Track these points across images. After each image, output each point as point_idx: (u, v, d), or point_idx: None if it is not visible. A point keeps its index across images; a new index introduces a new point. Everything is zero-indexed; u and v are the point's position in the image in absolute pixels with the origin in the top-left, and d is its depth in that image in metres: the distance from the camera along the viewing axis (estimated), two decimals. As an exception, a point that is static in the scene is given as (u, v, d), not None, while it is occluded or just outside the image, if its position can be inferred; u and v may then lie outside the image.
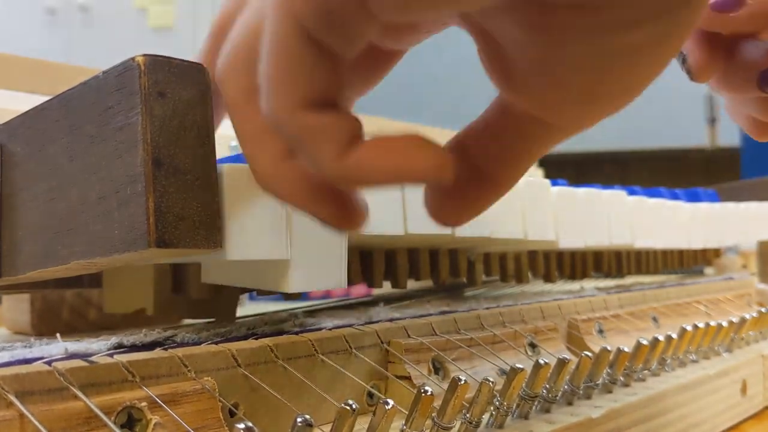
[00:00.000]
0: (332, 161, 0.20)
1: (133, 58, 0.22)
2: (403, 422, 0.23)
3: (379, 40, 0.22)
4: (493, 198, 0.24)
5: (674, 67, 0.20)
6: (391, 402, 0.22)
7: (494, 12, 0.20)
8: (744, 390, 0.39)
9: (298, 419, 0.19)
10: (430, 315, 0.34)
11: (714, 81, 0.32)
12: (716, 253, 0.67)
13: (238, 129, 0.23)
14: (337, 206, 0.22)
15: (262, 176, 0.23)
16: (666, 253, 0.59)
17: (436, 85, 2.30)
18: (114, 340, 0.25)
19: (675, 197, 0.58)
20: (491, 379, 0.25)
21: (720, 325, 0.40)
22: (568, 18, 0.19)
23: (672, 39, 0.20)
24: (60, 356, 0.23)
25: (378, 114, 0.81)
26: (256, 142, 0.23)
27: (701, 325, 0.39)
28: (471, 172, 0.23)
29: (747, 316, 0.43)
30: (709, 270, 0.70)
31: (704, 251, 0.65)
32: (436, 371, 0.31)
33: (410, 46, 0.23)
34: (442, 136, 0.23)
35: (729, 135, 2.24)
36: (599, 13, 0.19)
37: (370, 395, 0.29)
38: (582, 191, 0.44)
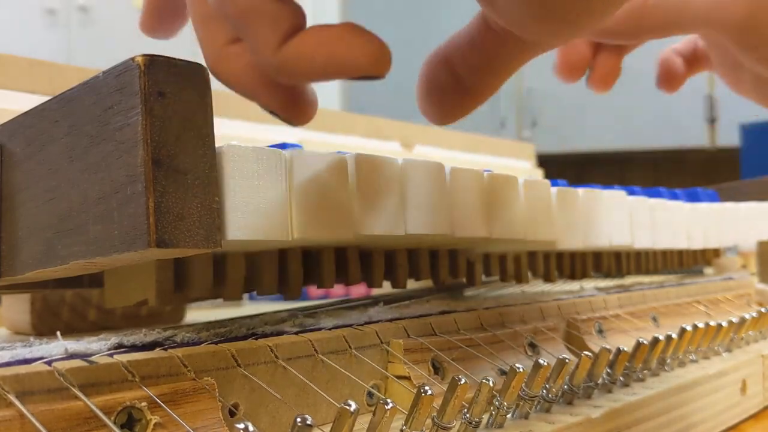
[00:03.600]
0: (271, 49, 0.20)
1: (133, 58, 0.22)
2: (403, 422, 0.23)
3: None
4: (472, 105, 0.25)
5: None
6: (390, 402, 0.22)
7: None
8: (744, 390, 0.39)
9: (298, 419, 0.19)
10: (430, 315, 0.34)
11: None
12: (716, 253, 0.67)
13: (191, 12, 0.23)
14: (286, 96, 0.22)
15: (209, 59, 0.23)
16: (666, 253, 0.59)
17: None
18: (114, 340, 0.25)
19: (675, 197, 0.58)
20: (491, 379, 0.25)
21: (720, 325, 0.40)
22: None
23: None
24: (60, 356, 0.23)
25: (378, 114, 0.81)
26: (206, 25, 0.22)
27: (701, 325, 0.39)
28: (453, 81, 0.24)
29: (747, 316, 0.43)
30: (708, 270, 0.70)
31: (704, 251, 0.65)
32: (436, 371, 0.31)
33: None
34: (443, 136, 0.23)
35: (729, 135, 2.24)
36: None
37: (370, 395, 0.29)
38: (582, 191, 0.44)
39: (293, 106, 0.23)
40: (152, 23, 0.30)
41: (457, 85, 0.24)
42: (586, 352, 0.30)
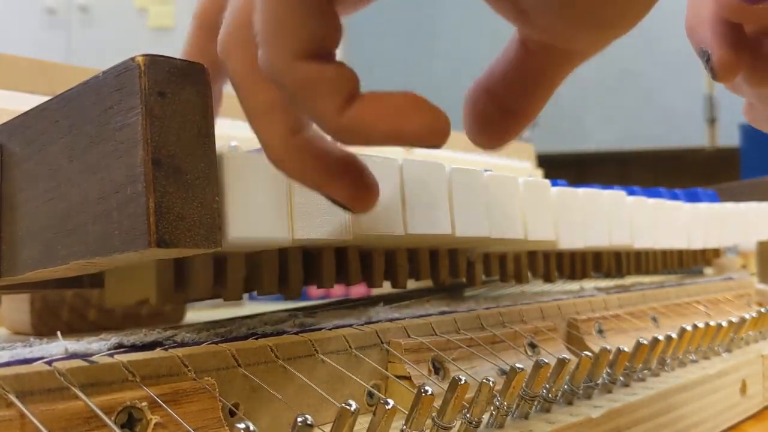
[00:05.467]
0: (333, 113, 0.20)
1: (133, 58, 0.22)
2: (403, 422, 0.23)
3: None
4: (522, 128, 0.25)
5: (674, 67, 0.21)
6: (391, 402, 0.22)
7: None
8: (744, 390, 0.39)
9: (298, 419, 0.19)
10: (430, 315, 0.34)
11: (736, 80, 0.32)
12: (716, 253, 0.67)
13: (245, 104, 0.23)
14: (350, 184, 0.22)
15: (272, 152, 0.23)
16: (665, 254, 0.59)
17: (436, 85, 2.30)
18: (114, 339, 0.25)
19: (675, 197, 0.58)
20: (491, 379, 0.25)
21: (720, 325, 0.40)
22: None
23: None
24: (60, 356, 0.23)
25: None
26: (266, 117, 0.22)
27: (701, 325, 0.39)
28: (499, 109, 0.24)
29: (746, 316, 0.43)
30: (708, 270, 0.70)
31: (704, 251, 0.65)
32: (436, 371, 0.31)
33: None
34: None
35: (729, 135, 2.24)
36: None
37: (370, 395, 0.29)
38: (582, 191, 0.44)
39: (359, 195, 0.23)
40: None
41: (504, 113, 0.24)
42: (586, 352, 0.30)
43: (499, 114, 0.24)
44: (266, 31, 0.20)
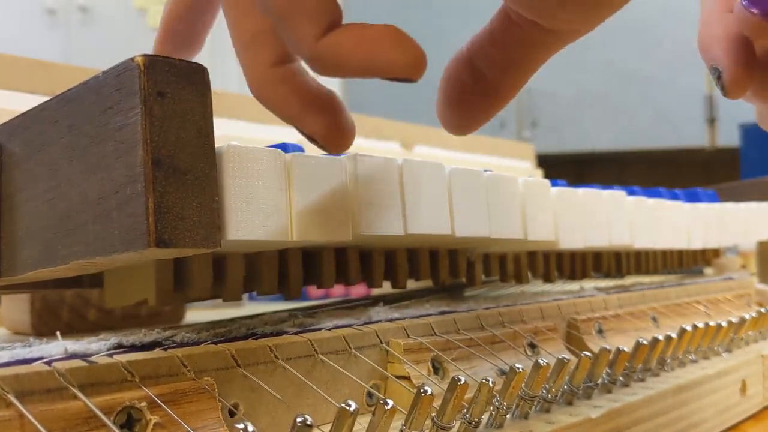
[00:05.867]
0: (310, 40, 0.20)
1: (132, 58, 0.22)
2: (403, 422, 0.23)
3: None
4: (498, 106, 0.25)
5: (674, 67, 0.21)
6: (390, 402, 0.22)
7: None
8: (743, 390, 0.39)
9: (298, 419, 0.19)
10: (430, 315, 0.34)
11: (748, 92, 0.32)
12: (716, 253, 0.67)
13: (233, 31, 0.23)
14: (326, 122, 0.22)
15: (252, 80, 0.23)
16: (665, 254, 0.59)
17: (436, 85, 2.30)
18: (113, 340, 0.25)
19: (674, 197, 0.58)
20: (491, 380, 0.25)
21: (719, 326, 0.40)
22: None
23: None
24: (59, 356, 0.23)
25: (378, 114, 0.81)
26: (251, 44, 0.22)
27: (701, 325, 0.39)
28: (477, 81, 0.24)
29: (746, 317, 0.43)
30: (708, 270, 0.70)
31: (704, 251, 0.65)
32: (436, 371, 0.31)
33: None
34: (442, 136, 0.23)
35: (728, 135, 2.24)
36: None
37: (370, 395, 0.29)
38: (582, 191, 0.44)
39: (333, 132, 0.23)
40: (167, 50, 0.29)
41: (482, 86, 0.24)
42: (586, 352, 0.30)
43: (476, 87, 0.24)
44: None
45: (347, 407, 0.21)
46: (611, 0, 0.21)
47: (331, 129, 0.23)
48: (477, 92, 0.24)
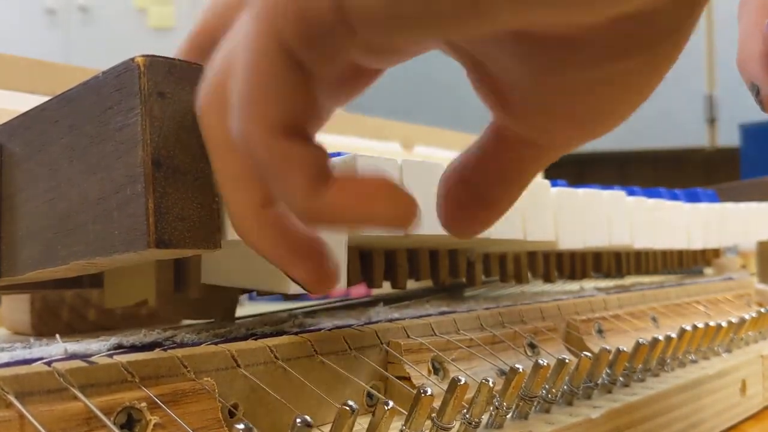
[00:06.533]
0: (304, 196, 0.19)
1: (132, 59, 0.22)
2: (403, 423, 0.23)
3: (360, 59, 0.20)
4: (495, 217, 0.25)
5: (674, 67, 0.21)
6: (390, 402, 0.22)
7: (482, 42, 0.20)
8: (743, 390, 0.39)
9: (298, 420, 0.19)
10: (430, 315, 0.34)
11: None
12: (716, 253, 0.67)
13: (217, 170, 0.22)
14: (312, 269, 0.22)
15: (239, 222, 0.22)
16: (665, 254, 0.59)
17: (436, 85, 2.30)
18: (113, 340, 0.25)
19: (674, 197, 0.58)
20: (490, 380, 0.25)
21: (719, 326, 0.40)
22: (559, 50, 0.19)
23: (659, 67, 0.20)
24: (60, 357, 0.23)
25: (378, 114, 0.81)
26: (236, 186, 0.22)
27: (701, 325, 0.39)
28: (472, 196, 0.24)
29: (746, 317, 0.43)
30: (708, 270, 0.70)
31: (704, 251, 0.65)
32: (436, 372, 0.31)
33: (391, 66, 0.22)
34: (443, 136, 0.23)
35: (729, 135, 2.24)
36: (590, 45, 0.19)
37: (370, 396, 0.29)
38: (582, 191, 0.44)
39: (318, 279, 0.23)
40: None
41: (478, 201, 0.24)
42: (586, 353, 0.30)
43: (473, 202, 0.24)
44: (243, 99, 0.19)
45: (347, 407, 0.21)
46: (606, 121, 0.21)
47: (316, 276, 0.23)
48: (475, 207, 0.24)
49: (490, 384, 0.25)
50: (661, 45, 0.19)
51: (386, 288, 0.38)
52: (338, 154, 0.29)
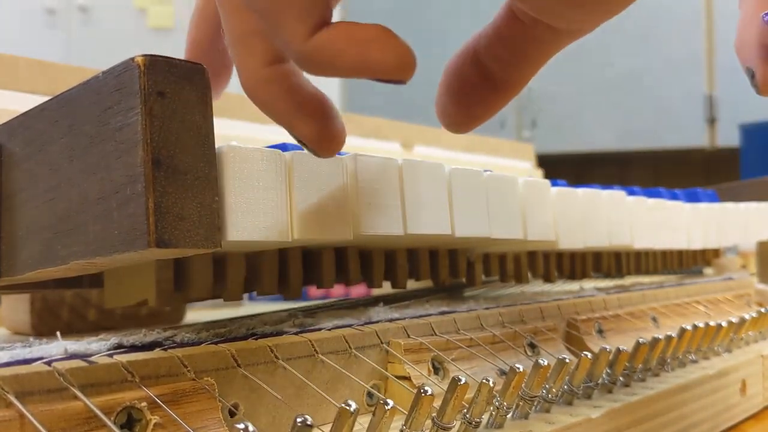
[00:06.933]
0: (300, 40, 0.19)
1: (132, 58, 0.22)
2: (403, 422, 0.23)
3: None
4: (503, 101, 0.24)
5: (674, 67, 0.21)
6: (390, 402, 0.22)
7: None
8: (743, 390, 0.39)
9: (298, 419, 0.19)
10: (430, 315, 0.34)
11: None
12: (716, 253, 0.67)
13: (227, 28, 0.23)
14: (317, 126, 0.22)
15: (245, 80, 0.22)
16: (665, 254, 0.59)
17: (435, 85, 2.30)
18: (113, 340, 0.25)
19: (674, 197, 0.58)
20: (491, 380, 0.25)
21: (719, 326, 0.40)
22: None
23: None
24: (59, 356, 0.23)
25: (378, 114, 0.81)
26: (244, 43, 0.22)
27: (701, 325, 0.39)
28: (482, 76, 0.24)
29: (746, 317, 0.43)
30: (708, 270, 0.70)
31: (703, 251, 0.65)
32: (436, 371, 0.31)
33: None
34: (443, 136, 0.23)
35: (729, 135, 2.24)
36: None
37: (370, 395, 0.29)
38: (582, 191, 0.44)
39: (324, 137, 0.23)
40: None
41: (487, 81, 0.24)
42: (586, 353, 0.30)
43: (480, 82, 0.24)
44: None
45: (347, 407, 0.21)
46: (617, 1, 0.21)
47: (321, 134, 0.23)
48: (482, 87, 0.24)
49: (490, 384, 0.25)
50: None
51: (386, 288, 0.38)
52: (338, 153, 0.29)
